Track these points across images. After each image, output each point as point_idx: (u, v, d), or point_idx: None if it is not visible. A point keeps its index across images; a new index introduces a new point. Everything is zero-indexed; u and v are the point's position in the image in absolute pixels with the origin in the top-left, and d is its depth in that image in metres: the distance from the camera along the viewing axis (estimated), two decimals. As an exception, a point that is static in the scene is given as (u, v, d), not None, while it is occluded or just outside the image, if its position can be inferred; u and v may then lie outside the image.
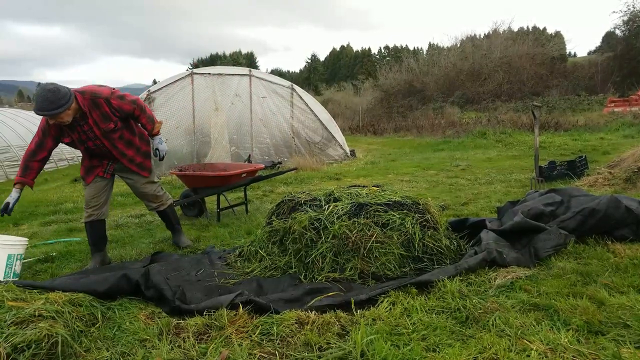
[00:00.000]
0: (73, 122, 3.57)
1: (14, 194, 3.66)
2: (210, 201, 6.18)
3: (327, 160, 11.33)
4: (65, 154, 15.01)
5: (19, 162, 12.51)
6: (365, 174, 8.91)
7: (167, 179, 9.13)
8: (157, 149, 4.09)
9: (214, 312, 2.51)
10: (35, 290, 2.61)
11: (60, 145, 3.86)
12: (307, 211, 3.41)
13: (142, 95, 10.67)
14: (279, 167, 10.38)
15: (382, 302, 2.59)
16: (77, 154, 16.04)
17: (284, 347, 2.21)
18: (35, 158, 3.67)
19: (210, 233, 4.77)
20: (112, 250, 4.15)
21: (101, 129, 3.68)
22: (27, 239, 3.57)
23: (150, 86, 11.54)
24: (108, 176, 4.00)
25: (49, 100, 3.32)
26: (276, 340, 2.26)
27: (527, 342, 2.10)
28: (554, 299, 2.50)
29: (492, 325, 2.28)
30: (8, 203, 3.62)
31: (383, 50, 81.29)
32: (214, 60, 77.39)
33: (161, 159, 4.11)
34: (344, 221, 3.19)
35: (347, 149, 12.13)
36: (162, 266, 3.36)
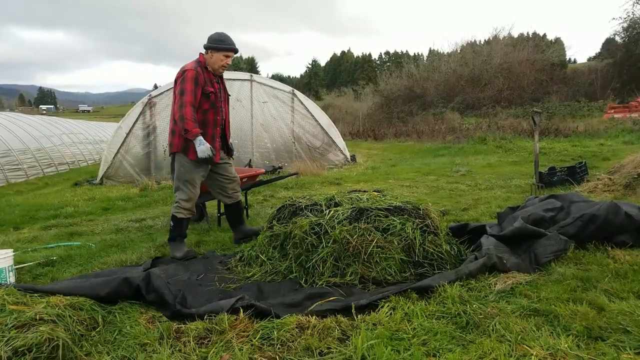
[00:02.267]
0: (216, 78, 4.16)
1: (204, 140, 3.96)
2: (211, 206, 6.19)
3: (328, 165, 11.34)
4: (66, 158, 15.03)
5: (20, 166, 12.41)
6: (365, 179, 8.92)
7: (167, 184, 9.14)
8: (231, 142, 4.54)
9: (214, 316, 2.51)
10: (36, 294, 2.62)
11: (61, 149, 3.94)
12: (307, 216, 3.42)
13: (144, 100, 10.71)
14: (279, 171, 10.39)
15: (382, 307, 2.59)
16: (78, 157, 16.07)
17: (284, 352, 2.21)
18: (194, 110, 4.00)
19: (210, 237, 4.77)
20: (113, 255, 4.16)
21: (227, 94, 4.33)
22: (11, 249, 3.47)
23: (152, 91, 11.57)
24: (217, 159, 4.24)
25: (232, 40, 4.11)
26: (277, 344, 2.27)
27: (527, 348, 2.10)
28: (554, 305, 2.50)
29: (493, 330, 2.28)
30: (211, 148, 3.98)
31: (383, 56, 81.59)
32: (215, 65, 77.42)
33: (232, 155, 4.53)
34: (344, 226, 3.20)
35: (348, 154, 12.15)
36: (163, 270, 3.37)
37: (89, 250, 4.44)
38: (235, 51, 4.13)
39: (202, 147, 3.91)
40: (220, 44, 4.04)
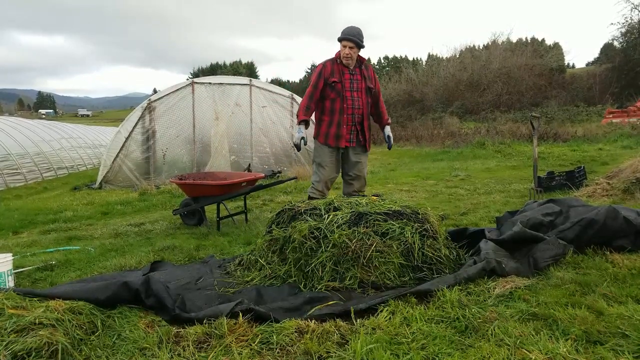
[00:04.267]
0: (347, 68, 4.48)
1: (303, 130, 4.43)
2: (210, 210, 6.19)
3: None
4: (65, 162, 15.03)
5: (19, 171, 12.40)
6: (364, 184, 8.92)
7: (167, 188, 9.15)
8: (388, 136, 4.78)
9: (213, 320, 2.51)
10: (35, 298, 2.62)
11: (60, 153, 3.97)
12: (307, 220, 3.42)
13: (143, 104, 10.73)
14: (278, 176, 10.40)
15: (381, 311, 2.59)
16: (77, 162, 16.06)
17: (283, 356, 2.21)
18: (313, 100, 4.49)
19: (209, 242, 4.77)
20: (112, 259, 4.16)
21: (367, 84, 4.56)
22: (10, 254, 3.48)
23: (151, 95, 11.59)
24: (354, 144, 4.57)
25: (359, 33, 4.41)
26: (276, 349, 2.27)
27: (526, 352, 2.10)
28: (553, 309, 2.51)
29: (491, 334, 2.29)
30: (303, 137, 4.41)
31: (383, 61, 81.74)
32: (214, 69, 77.78)
33: (390, 147, 4.80)
34: (343, 230, 3.21)
35: (347, 159, 12.15)
36: (162, 275, 3.37)
37: (88, 254, 4.43)
38: (352, 41, 4.36)
39: (296, 135, 4.47)
40: (341, 34, 4.42)
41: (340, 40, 4.43)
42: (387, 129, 4.82)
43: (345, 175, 4.74)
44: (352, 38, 4.37)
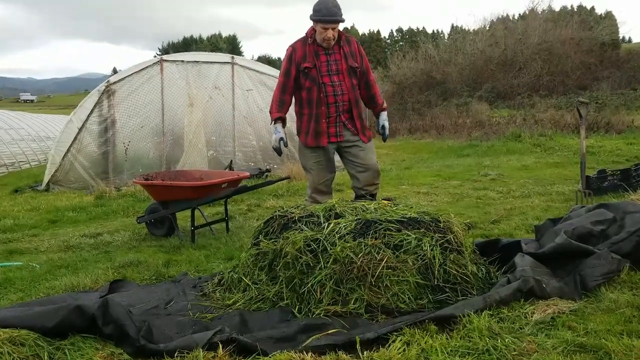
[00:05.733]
0: (323, 48, 4.49)
1: (280, 130, 4.55)
2: (183, 217, 6.18)
3: (327, 167, 11.36)
4: (4, 159, 15.01)
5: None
6: (373, 185, 8.93)
7: (129, 190, 9.14)
8: (383, 125, 4.85)
9: (187, 353, 2.51)
10: (-33, 326, 2.61)
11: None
12: (302, 230, 3.42)
13: (100, 88, 10.73)
14: (267, 175, 10.41)
15: (394, 341, 2.59)
16: (19, 158, 16.05)
17: (273, 397, 2.21)
18: (287, 92, 4.58)
19: (182, 256, 4.77)
20: (61, 278, 4.15)
21: (348, 64, 4.55)
22: None
23: (110, 76, 11.59)
24: (342, 138, 4.63)
25: (336, 7, 4.38)
26: (264, 388, 2.27)
27: (572, 391, 2.11)
28: (605, 339, 2.51)
29: (529, 370, 2.29)
30: (282, 138, 4.53)
31: (395, 34, 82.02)
32: (188, 44, 77.88)
33: (385, 139, 4.89)
34: (347, 242, 3.21)
35: (351, 154, 12.16)
36: (124, 297, 3.36)
37: (33, 272, 4.43)
38: (335, 22, 4.40)
39: (273, 136, 4.59)
40: (315, 14, 4.41)
41: (317, 21, 4.42)
42: (383, 117, 4.88)
43: (349, 173, 4.80)
44: (334, 18, 4.38)
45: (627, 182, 6.62)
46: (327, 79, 4.51)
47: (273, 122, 4.58)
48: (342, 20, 4.44)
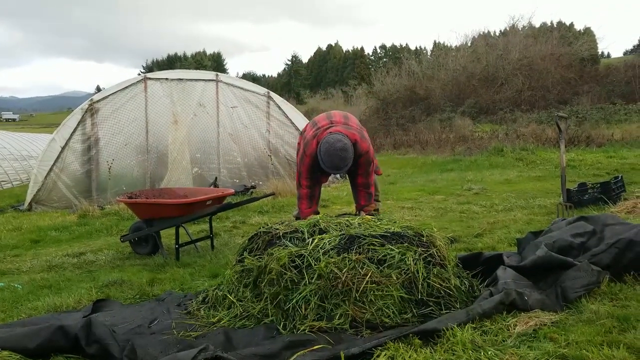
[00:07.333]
0: None
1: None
2: (168, 235, 6.16)
3: (312, 183, 11.36)
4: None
5: None
6: (358, 201, 8.96)
7: (113, 209, 9.08)
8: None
9: (171, 372, 2.50)
10: (-53, 348, 2.58)
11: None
12: (286, 246, 3.43)
13: (84, 106, 10.69)
14: (252, 192, 10.40)
15: (378, 356, 2.61)
16: (1, 178, 15.87)
17: (258, 414, 2.21)
18: (313, 173, 4.85)
19: (167, 275, 4.75)
20: (44, 298, 4.11)
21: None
22: None
23: (94, 94, 11.55)
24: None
25: (343, 160, 4.50)
26: (249, 405, 2.26)
27: (554, 402, 2.13)
28: (586, 349, 2.55)
29: (512, 382, 2.31)
30: None
31: (379, 50, 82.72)
32: (172, 62, 77.84)
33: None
34: (331, 257, 3.22)
35: (336, 170, 12.19)
36: (108, 316, 3.34)
37: (15, 292, 4.38)
38: (338, 173, 5.06)
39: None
40: (321, 162, 4.60)
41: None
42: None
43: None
44: (337, 172, 4.76)
45: (607, 194, 6.72)
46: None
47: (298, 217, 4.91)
48: (347, 169, 4.69)
